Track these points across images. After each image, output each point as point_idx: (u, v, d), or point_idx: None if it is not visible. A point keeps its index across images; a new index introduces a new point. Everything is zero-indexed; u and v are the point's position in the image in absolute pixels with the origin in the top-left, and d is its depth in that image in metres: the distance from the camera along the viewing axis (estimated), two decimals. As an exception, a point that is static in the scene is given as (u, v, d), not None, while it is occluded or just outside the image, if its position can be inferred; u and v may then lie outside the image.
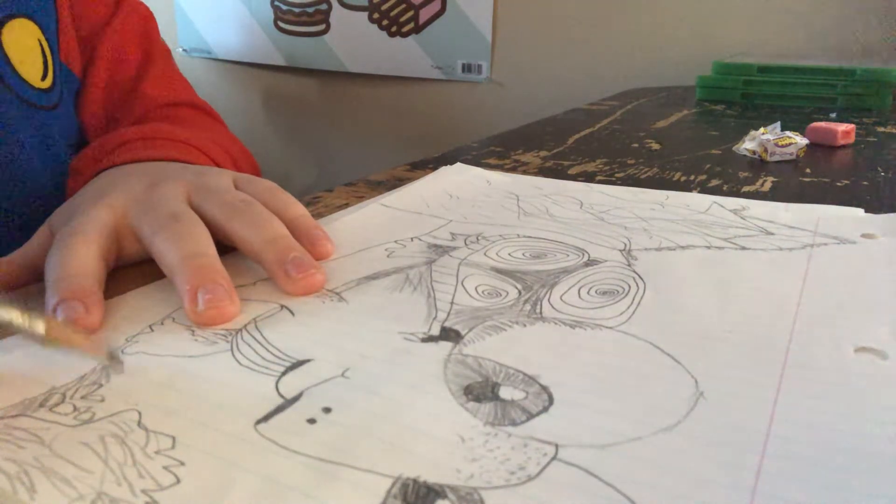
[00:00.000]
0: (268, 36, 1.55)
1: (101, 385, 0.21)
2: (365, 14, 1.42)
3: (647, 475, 0.17)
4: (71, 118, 0.49)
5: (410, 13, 1.38)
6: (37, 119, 0.45)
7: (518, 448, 0.18)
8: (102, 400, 0.20)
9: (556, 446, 0.18)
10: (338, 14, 1.45)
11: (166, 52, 0.56)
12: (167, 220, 0.29)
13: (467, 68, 1.36)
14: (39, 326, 0.22)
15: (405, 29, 1.39)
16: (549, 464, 0.17)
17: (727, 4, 1.13)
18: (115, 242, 0.30)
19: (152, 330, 0.25)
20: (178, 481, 0.16)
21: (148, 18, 0.55)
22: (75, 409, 0.19)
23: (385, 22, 1.41)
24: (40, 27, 0.46)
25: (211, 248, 0.28)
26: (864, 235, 0.34)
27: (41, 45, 0.45)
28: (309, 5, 1.47)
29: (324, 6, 1.46)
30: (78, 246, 0.27)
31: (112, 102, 0.51)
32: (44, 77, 0.45)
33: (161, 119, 0.50)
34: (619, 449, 0.18)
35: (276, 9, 1.52)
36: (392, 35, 1.41)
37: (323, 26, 1.47)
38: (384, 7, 1.40)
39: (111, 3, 0.52)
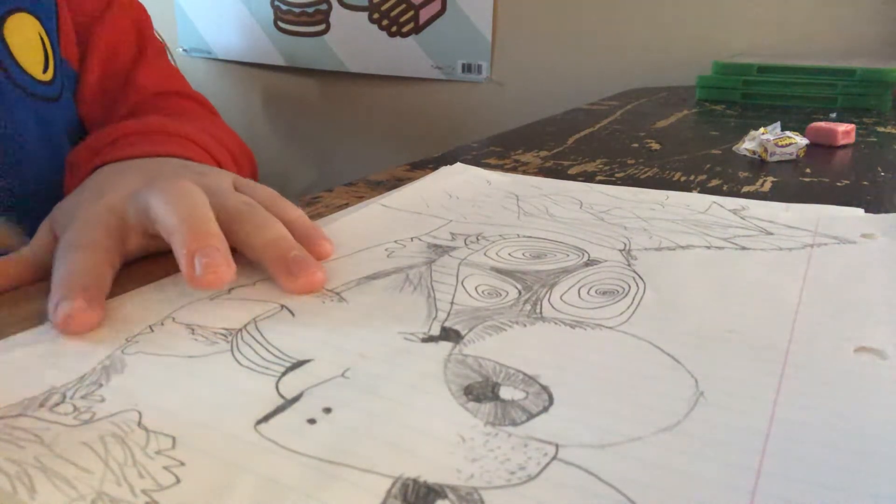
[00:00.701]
0: (268, 36, 1.55)
1: (101, 385, 0.21)
2: (365, 14, 1.42)
3: (648, 475, 0.17)
4: (72, 110, 0.50)
5: (410, 13, 1.38)
6: (40, 111, 0.45)
7: (518, 448, 0.18)
8: (102, 400, 0.20)
9: (557, 446, 0.18)
10: (338, 14, 1.45)
11: (160, 47, 0.56)
12: (163, 189, 0.30)
13: (467, 68, 1.36)
14: None
15: (405, 29, 1.39)
16: (549, 464, 0.17)
17: (727, 4, 1.13)
18: (120, 243, 0.30)
19: (152, 330, 0.25)
20: (179, 481, 0.16)
21: (140, 13, 0.55)
22: (75, 408, 0.19)
23: (385, 22, 1.41)
24: (40, 21, 0.46)
25: (207, 208, 0.29)
26: (863, 235, 0.34)
27: (42, 38, 0.46)
28: (309, 5, 1.47)
29: (324, 6, 1.46)
30: (84, 256, 0.28)
31: (107, 94, 0.51)
32: (45, 70, 0.46)
33: (155, 108, 0.51)
34: (619, 449, 0.18)
35: (276, 9, 1.52)
36: (392, 35, 1.41)
37: (323, 26, 1.47)
38: (384, 7, 1.40)
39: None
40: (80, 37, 0.50)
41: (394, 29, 1.40)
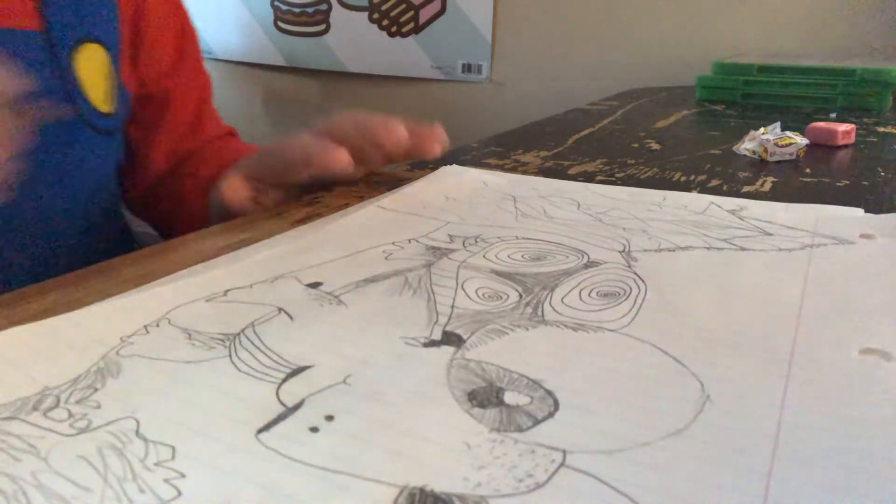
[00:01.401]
0: (268, 36, 1.55)
1: (95, 389, 0.20)
2: (365, 14, 1.42)
3: (658, 481, 0.16)
4: (121, 140, 0.51)
5: (410, 13, 1.37)
6: (100, 144, 0.46)
7: (525, 454, 0.17)
8: (98, 406, 0.20)
9: (564, 452, 0.18)
10: (338, 14, 1.45)
11: (210, 84, 0.60)
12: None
13: (467, 68, 1.35)
14: None
15: (405, 29, 1.39)
16: (557, 470, 0.17)
17: (727, 5, 1.13)
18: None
19: (147, 331, 0.24)
20: (180, 494, 0.16)
21: (198, 51, 0.58)
22: (70, 415, 0.19)
23: (385, 22, 1.41)
24: (106, 50, 0.47)
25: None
26: (862, 236, 0.34)
27: (107, 69, 0.47)
28: (309, 5, 1.47)
29: (324, 6, 1.46)
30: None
31: (177, 140, 0.55)
32: (107, 102, 0.47)
33: (222, 147, 0.55)
34: (627, 454, 0.17)
35: (276, 9, 1.52)
36: (392, 35, 1.40)
37: (323, 26, 1.47)
38: (384, 7, 1.40)
39: (175, 49, 0.55)
40: (154, 86, 0.53)
41: (394, 29, 1.40)
